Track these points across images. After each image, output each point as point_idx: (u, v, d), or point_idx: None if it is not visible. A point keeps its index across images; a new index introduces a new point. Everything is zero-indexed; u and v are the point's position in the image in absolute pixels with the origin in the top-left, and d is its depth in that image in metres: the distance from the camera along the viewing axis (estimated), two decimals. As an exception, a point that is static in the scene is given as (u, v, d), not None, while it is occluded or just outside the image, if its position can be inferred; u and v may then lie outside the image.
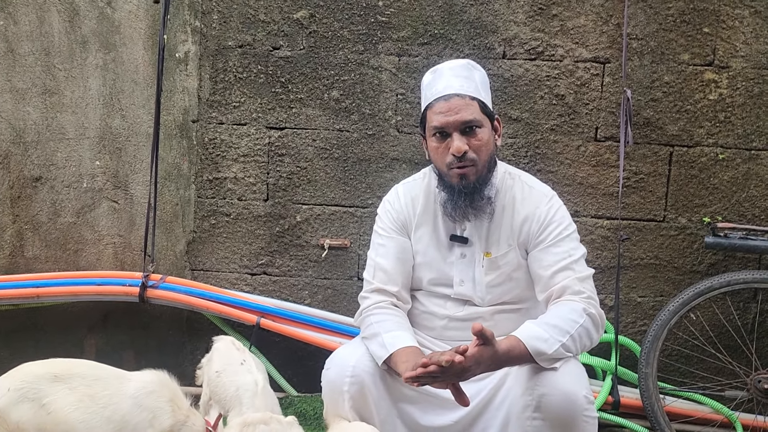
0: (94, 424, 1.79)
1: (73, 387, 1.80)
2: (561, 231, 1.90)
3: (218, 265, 3.04)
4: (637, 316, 2.92)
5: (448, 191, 1.92)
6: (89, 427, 1.78)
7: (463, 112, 1.86)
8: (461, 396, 1.65)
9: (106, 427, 1.81)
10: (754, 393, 2.61)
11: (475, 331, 1.58)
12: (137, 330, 3.06)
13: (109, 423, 1.82)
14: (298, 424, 1.79)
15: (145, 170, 2.99)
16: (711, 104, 2.81)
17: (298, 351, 2.97)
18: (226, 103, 2.98)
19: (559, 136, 2.87)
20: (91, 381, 1.84)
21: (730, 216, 2.83)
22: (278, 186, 2.99)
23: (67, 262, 3.07)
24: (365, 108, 2.93)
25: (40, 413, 1.73)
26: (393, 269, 1.99)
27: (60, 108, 3.01)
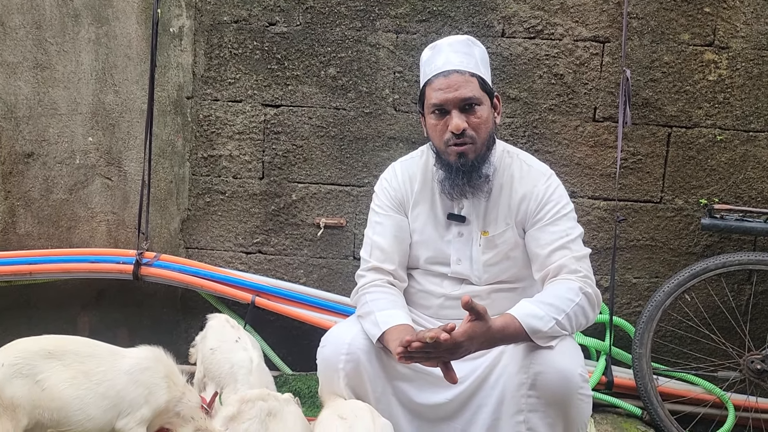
0: (88, 400, 1.79)
1: (68, 364, 1.79)
2: (558, 210, 1.89)
3: (213, 243, 3.03)
4: (632, 297, 2.92)
5: (446, 169, 1.90)
6: (84, 403, 1.78)
7: (462, 89, 1.83)
8: (450, 373, 1.64)
9: (101, 404, 1.81)
10: (747, 374, 2.63)
11: (464, 304, 1.57)
12: (131, 308, 3.05)
13: (104, 399, 1.81)
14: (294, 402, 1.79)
15: (139, 147, 2.96)
16: (710, 85, 2.79)
17: (292, 330, 2.97)
18: (221, 80, 2.94)
19: (558, 116, 2.85)
20: (85, 357, 1.83)
21: (727, 198, 2.83)
22: (274, 164, 2.96)
23: (60, 239, 3.04)
24: (362, 86, 2.90)
25: (34, 389, 1.72)
26: (390, 247, 1.98)
27: (52, 83, 2.96)
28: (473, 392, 1.82)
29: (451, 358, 1.63)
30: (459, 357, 1.64)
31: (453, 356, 1.63)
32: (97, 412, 1.80)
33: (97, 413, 1.80)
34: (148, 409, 1.88)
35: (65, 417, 1.76)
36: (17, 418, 1.68)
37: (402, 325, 1.79)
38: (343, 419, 1.61)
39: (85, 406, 1.78)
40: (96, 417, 1.80)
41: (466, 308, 1.58)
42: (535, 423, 1.70)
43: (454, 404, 1.83)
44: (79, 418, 1.77)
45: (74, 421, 1.77)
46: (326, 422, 1.65)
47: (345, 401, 1.78)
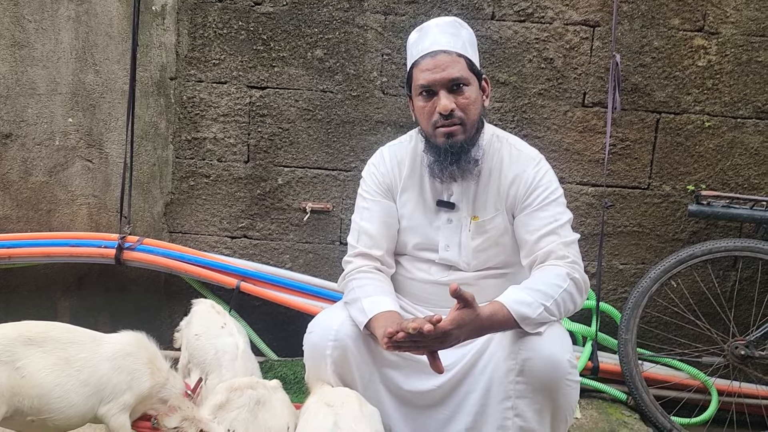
0: (69, 387, 1.75)
1: (48, 350, 1.76)
2: (548, 195, 1.88)
3: (197, 227, 2.98)
4: (618, 284, 2.93)
5: (434, 153, 1.87)
6: (65, 390, 1.75)
7: (450, 69, 1.80)
8: (436, 363, 1.63)
9: (83, 390, 1.78)
10: (731, 359, 2.65)
11: (452, 292, 1.55)
12: (113, 293, 3.00)
13: (86, 386, 1.78)
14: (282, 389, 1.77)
15: (121, 129, 2.90)
16: (699, 71, 2.78)
17: (278, 315, 2.94)
18: (205, 60, 2.88)
19: (547, 100, 2.83)
20: (66, 344, 1.80)
21: (714, 184, 2.84)
22: (259, 147, 2.91)
23: (40, 222, 2.98)
24: (350, 68, 2.85)
25: (13, 376, 1.68)
26: (377, 233, 1.95)
27: (30, 61, 2.88)
28: (461, 379, 1.80)
29: (440, 347, 1.61)
30: (448, 346, 1.62)
31: (442, 345, 1.61)
32: (79, 398, 1.77)
33: (79, 400, 1.77)
34: (131, 395, 1.85)
35: (46, 404, 1.72)
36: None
37: (388, 311, 1.76)
38: (330, 406, 1.59)
39: (66, 393, 1.75)
40: (77, 404, 1.77)
41: (455, 296, 1.56)
42: (523, 409, 1.69)
43: (441, 391, 1.81)
44: (60, 405, 1.74)
45: (55, 408, 1.73)
46: (313, 410, 1.64)
47: (332, 388, 1.77)
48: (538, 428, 1.72)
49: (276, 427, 1.60)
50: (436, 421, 1.83)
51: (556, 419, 1.74)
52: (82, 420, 1.81)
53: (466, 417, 1.78)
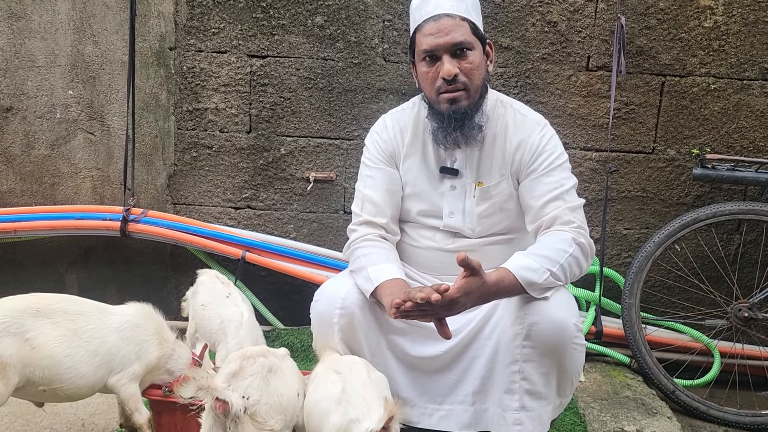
0: (79, 358, 1.77)
1: (57, 322, 1.77)
2: (553, 160, 1.87)
3: (201, 198, 2.98)
4: (621, 248, 2.93)
5: (438, 119, 1.86)
6: (74, 361, 1.77)
7: (453, 33, 1.78)
8: (444, 329, 1.64)
9: (92, 361, 1.80)
10: (734, 321, 2.67)
11: (459, 261, 1.55)
12: (119, 264, 3.02)
13: (95, 356, 1.81)
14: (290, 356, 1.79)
15: (122, 100, 2.88)
16: (705, 32, 2.74)
17: (283, 285, 2.96)
18: (204, 30, 2.84)
19: (551, 65, 2.79)
20: (74, 315, 1.81)
21: (719, 147, 2.82)
22: (261, 117, 2.90)
23: (44, 195, 2.98)
24: (351, 35, 2.81)
25: (23, 348, 1.70)
26: (381, 201, 1.95)
27: (28, 33, 2.85)
28: (468, 344, 1.82)
29: (447, 314, 1.62)
30: (456, 313, 1.63)
31: (449, 312, 1.62)
32: (89, 369, 1.79)
33: (89, 370, 1.79)
34: (140, 365, 1.88)
35: (56, 374, 1.75)
36: (8, 376, 1.67)
37: (394, 279, 1.77)
38: (338, 374, 1.62)
39: (76, 364, 1.77)
40: (87, 374, 1.79)
41: (462, 265, 1.56)
42: (530, 373, 1.71)
43: (448, 356, 1.83)
44: (70, 375, 1.76)
45: (65, 378, 1.76)
46: (322, 377, 1.66)
47: (340, 356, 1.78)
48: (544, 391, 1.74)
49: (287, 393, 1.62)
50: (443, 386, 1.85)
51: (562, 382, 1.77)
52: (91, 390, 1.84)
53: (473, 381, 1.81)
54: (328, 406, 1.53)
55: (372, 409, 1.48)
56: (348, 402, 1.51)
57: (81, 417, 2.26)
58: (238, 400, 1.50)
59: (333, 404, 1.52)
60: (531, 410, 1.74)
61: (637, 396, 2.53)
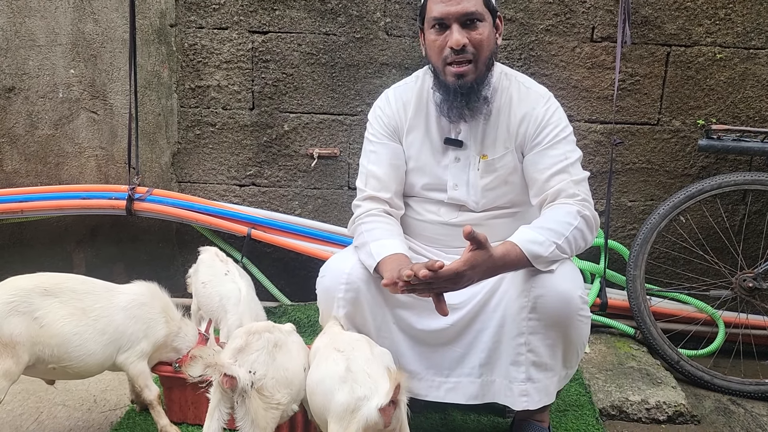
0: (87, 336, 1.79)
1: (65, 301, 1.79)
2: (558, 133, 1.86)
3: (205, 176, 2.98)
4: (626, 221, 2.93)
5: (444, 91, 1.85)
6: (83, 339, 1.79)
7: (465, 3, 1.76)
8: (441, 305, 1.65)
9: (100, 339, 1.82)
10: (739, 291, 2.68)
11: (466, 234, 1.56)
12: (126, 243, 3.04)
13: (103, 335, 1.83)
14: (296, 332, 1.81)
15: (124, 79, 2.87)
16: (711, 1, 2.70)
17: (289, 261, 2.98)
18: (205, 6, 2.81)
19: (554, 36, 2.77)
20: (81, 294, 1.83)
21: (725, 118, 2.80)
22: (264, 94, 2.89)
23: (49, 175, 2.99)
24: (352, 9, 2.79)
25: (32, 326, 1.72)
26: (385, 175, 1.95)
27: (27, 12, 2.83)
28: (474, 317, 1.84)
29: (453, 288, 1.63)
30: (462, 287, 1.64)
31: (456, 286, 1.62)
32: (97, 347, 1.81)
33: (97, 348, 1.81)
34: (148, 344, 1.90)
35: (66, 353, 1.77)
36: (18, 354, 1.69)
37: (396, 254, 1.78)
38: (340, 352, 1.62)
39: (84, 342, 1.79)
40: (96, 352, 1.81)
41: (468, 238, 1.57)
42: (536, 345, 1.73)
43: (455, 329, 1.85)
44: (79, 353, 1.79)
45: (75, 356, 1.78)
46: (324, 354, 1.66)
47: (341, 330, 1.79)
48: (550, 363, 1.76)
49: (293, 368, 1.64)
50: (449, 359, 1.87)
51: (568, 354, 1.79)
52: (100, 367, 1.86)
53: (479, 354, 1.83)
54: (332, 385, 1.52)
55: (379, 385, 1.48)
56: (354, 380, 1.51)
57: (93, 393, 2.29)
58: (245, 375, 1.52)
59: (337, 383, 1.52)
60: (537, 381, 1.76)
61: (641, 366, 2.55)
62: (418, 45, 2.79)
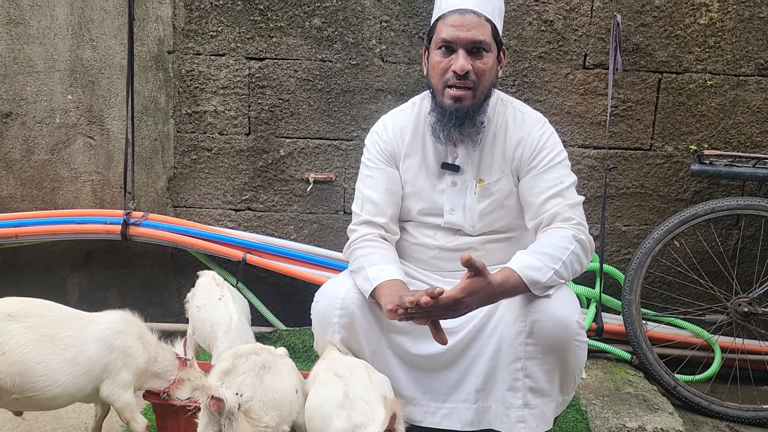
0: (54, 365, 1.69)
1: (30, 326, 1.69)
2: (553, 158, 1.88)
3: (201, 201, 2.99)
4: (621, 245, 2.94)
5: (439, 112, 1.87)
6: (49, 368, 1.69)
7: (475, 31, 1.79)
8: (440, 334, 1.65)
9: (71, 370, 1.72)
10: (734, 316, 2.68)
11: (464, 261, 1.56)
12: (121, 268, 3.02)
13: (74, 365, 1.73)
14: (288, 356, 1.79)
15: (121, 104, 2.88)
16: (701, 29, 2.75)
17: (285, 286, 2.97)
18: (202, 33, 2.85)
19: (548, 63, 2.81)
20: (49, 321, 1.73)
21: (716, 143, 2.83)
22: (260, 119, 2.91)
23: (44, 200, 2.99)
24: (348, 36, 2.82)
25: None
26: (381, 201, 1.96)
27: (27, 39, 2.86)
28: (470, 342, 1.83)
29: (452, 315, 1.63)
30: (461, 314, 1.64)
31: (454, 314, 1.62)
32: (66, 378, 1.71)
33: (66, 379, 1.71)
34: (128, 373, 1.83)
35: (29, 382, 1.66)
36: None
37: (393, 280, 1.78)
38: (339, 377, 1.61)
39: (50, 372, 1.68)
40: (65, 383, 1.71)
41: (466, 265, 1.57)
42: (533, 370, 1.72)
43: (450, 354, 1.84)
44: (45, 383, 1.68)
45: (39, 387, 1.68)
46: (322, 379, 1.65)
47: (341, 355, 1.79)
48: (547, 388, 1.75)
49: (283, 389, 1.62)
50: (445, 385, 1.86)
51: (565, 379, 1.78)
52: (71, 399, 1.77)
53: (475, 379, 1.81)
54: (330, 410, 1.52)
55: (376, 413, 1.48)
56: (351, 407, 1.51)
57: (84, 421, 2.26)
58: (231, 397, 1.50)
59: (335, 408, 1.51)
60: (534, 407, 1.75)
61: (638, 392, 2.54)
62: (413, 71, 2.83)
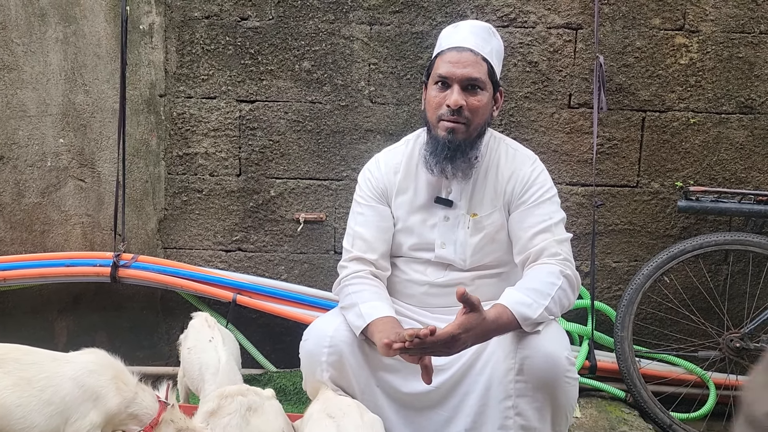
0: (32, 407, 1.70)
1: (8, 371, 1.70)
2: (543, 194, 1.91)
3: (191, 242, 2.99)
4: (612, 282, 2.95)
5: (433, 145, 1.90)
6: (27, 410, 1.69)
7: (470, 68, 1.84)
8: (428, 373, 1.65)
9: (46, 410, 1.72)
10: (726, 352, 2.67)
11: (459, 296, 1.56)
12: (110, 311, 3.00)
13: (49, 405, 1.72)
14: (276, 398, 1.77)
15: (112, 147, 2.91)
16: (682, 69, 2.82)
17: (275, 327, 2.95)
18: (194, 77, 2.90)
19: (533, 103, 2.86)
20: (26, 365, 1.74)
21: (702, 180, 2.87)
22: (251, 160, 2.93)
23: (34, 243, 2.98)
24: (337, 79, 2.88)
25: None
26: (372, 237, 1.97)
27: (20, 84, 2.90)
28: (459, 379, 1.82)
29: (448, 352, 1.62)
30: (456, 351, 1.63)
31: (450, 350, 1.61)
32: (41, 419, 1.71)
33: (41, 420, 1.71)
34: (97, 414, 1.79)
35: (8, 425, 1.67)
36: None
37: (386, 317, 1.78)
38: (331, 418, 1.60)
39: (28, 414, 1.69)
40: (40, 424, 1.70)
41: (461, 300, 1.57)
42: (524, 408, 1.70)
43: (440, 392, 1.82)
44: (22, 426, 1.68)
45: (17, 429, 1.67)
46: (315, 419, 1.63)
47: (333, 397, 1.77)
48: (539, 426, 1.73)
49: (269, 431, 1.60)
50: (435, 423, 1.83)
51: (556, 417, 1.76)
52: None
53: (465, 417, 1.79)
54: (323, 452, 1.50)
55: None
56: (343, 448, 1.49)
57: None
58: None
59: None
60: (526, 446, 1.72)
61: (633, 431, 2.51)
62: (401, 112, 2.88)
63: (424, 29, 2.83)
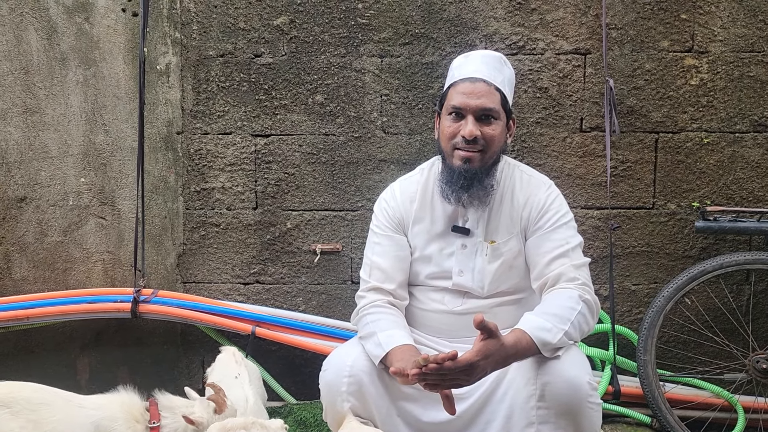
0: None
1: (16, 411, 1.67)
2: (559, 218, 1.91)
3: (210, 276, 3.01)
4: (632, 305, 2.92)
5: (448, 174, 1.92)
6: None
7: (484, 99, 1.87)
8: (450, 403, 1.63)
9: None
10: (753, 374, 2.62)
11: (476, 323, 1.56)
12: (131, 346, 3.02)
13: None
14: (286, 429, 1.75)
15: (132, 185, 2.97)
16: (693, 89, 2.83)
17: (295, 358, 2.95)
18: (210, 113, 2.96)
19: (545, 128, 2.88)
20: (36, 405, 1.71)
21: (718, 199, 2.85)
22: (267, 193, 2.97)
23: (56, 281, 3.03)
24: (350, 111, 2.92)
25: None
26: (390, 267, 1.98)
27: (42, 126, 2.98)
28: (480, 408, 1.80)
29: (467, 380, 1.60)
30: (475, 379, 1.62)
31: (469, 378, 1.60)
32: None
33: None
34: None
35: None
36: None
37: (405, 345, 1.78)
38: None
39: None
40: None
41: (479, 327, 1.57)
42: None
43: (461, 421, 1.81)
44: None
45: None
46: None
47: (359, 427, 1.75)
48: (563, 453, 1.70)
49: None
50: (457, 452, 1.81)
51: (580, 443, 1.73)
52: None
53: (488, 447, 1.77)
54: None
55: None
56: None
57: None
58: None
59: None
60: (550, 474, 1.70)
61: (661, 457, 2.46)
62: (414, 141, 2.90)
63: (434, 59, 2.87)
